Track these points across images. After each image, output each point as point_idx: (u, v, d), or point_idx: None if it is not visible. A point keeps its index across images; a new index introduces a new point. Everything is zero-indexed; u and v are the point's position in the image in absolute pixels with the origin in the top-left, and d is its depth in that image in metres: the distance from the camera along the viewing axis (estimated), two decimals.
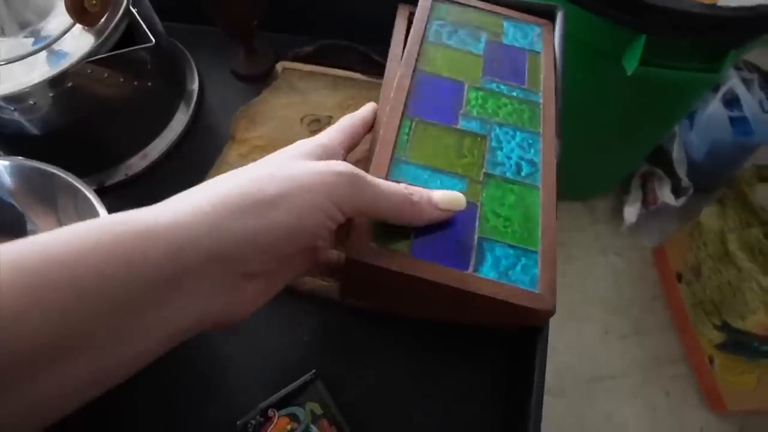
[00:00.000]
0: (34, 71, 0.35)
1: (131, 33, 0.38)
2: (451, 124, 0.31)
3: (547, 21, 0.39)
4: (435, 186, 0.28)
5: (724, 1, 0.66)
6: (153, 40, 0.36)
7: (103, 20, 0.36)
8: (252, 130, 0.43)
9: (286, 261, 0.23)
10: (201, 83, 0.48)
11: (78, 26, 0.36)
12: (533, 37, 0.37)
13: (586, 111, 0.90)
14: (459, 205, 0.26)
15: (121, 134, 0.43)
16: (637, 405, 1.07)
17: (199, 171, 0.39)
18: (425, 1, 0.37)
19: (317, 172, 0.22)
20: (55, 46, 0.36)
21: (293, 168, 0.22)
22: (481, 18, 0.38)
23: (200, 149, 0.45)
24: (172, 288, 0.19)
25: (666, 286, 1.17)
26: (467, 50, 0.35)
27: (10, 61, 0.35)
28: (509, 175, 0.29)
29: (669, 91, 0.85)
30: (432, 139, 0.30)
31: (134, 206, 0.20)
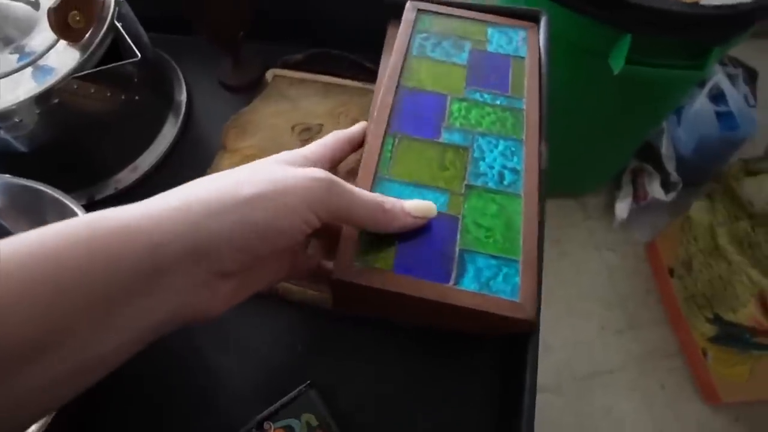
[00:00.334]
0: (19, 88, 0.34)
1: (117, 47, 0.38)
2: (433, 138, 0.31)
3: (531, 23, 0.39)
4: None
5: (706, 0, 0.67)
6: (139, 55, 0.36)
7: (87, 35, 0.36)
8: (243, 139, 0.43)
9: (261, 263, 0.23)
10: (189, 94, 0.48)
11: (62, 42, 0.36)
12: (518, 42, 0.37)
13: (575, 109, 0.91)
14: (430, 212, 0.27)
15: (109, 148, 0.43)
16: (634, 399, 1.07)
17: (189, 182, 0.39)
18: (410, 14, 0.37)
19: (295, 177, 0.23)
20: (40, 63, 0.36)
21: (272, 171, 0.23)
22: (465, 27, 0.38)
23: (190, 160, 0.45)
24: (149, 284, 0.19)
25: (658, 280, 1.18)
26: (451, 62, 0.35)
27: None
28: (491, 185, 0.30)
29: (656, 89, 0.86)
30: (415, 154, 0.30)
31: None
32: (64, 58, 0.36)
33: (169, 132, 0.46)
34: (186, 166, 0.44)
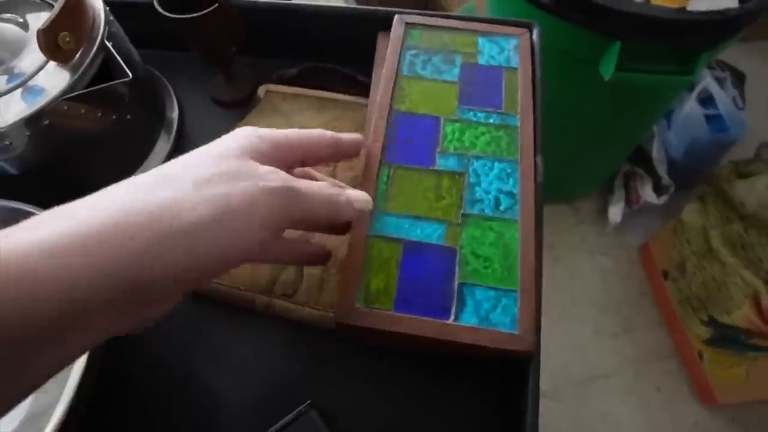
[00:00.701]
0: (9, 110, 0.34)
1: (107, 66, 0.37)
2: (428, 166, 0.31)
3: (523, 30, 0.39)
4: (416, 234, 0.29)
5: (693, 5, 0.68)
6: (130, 75, 0.35)
7: (77, 56, 0.36)
8: None
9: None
10: (181, 110, 0.48)
11: (52, 63, 0.36)
12: (509, 51, 0.37)
13: (566, 116, 0.91)
14: (367, 206, 0.27)
15: (101, 168, 0.42)
16: (630, 403, 1.08)
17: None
18: (398, 30, 0.37)
19: (243, 192, 0.20)
20: (30, 84, 0.35)
21: (216, 184, 0.20)
22: (456, 39, 0.37)
23: None
24: (62, 332, 0.17)
25: (653, 283, 1.19)
26: (442, 80, 0.35)
27: None
28: (488, 212, 0.30)
29: (646, 94, 0.87)
30: (411, 183, 0.31)
31: None
32: (54, 79, 0.35)
33: (161, 149, 0.45)
34: None
